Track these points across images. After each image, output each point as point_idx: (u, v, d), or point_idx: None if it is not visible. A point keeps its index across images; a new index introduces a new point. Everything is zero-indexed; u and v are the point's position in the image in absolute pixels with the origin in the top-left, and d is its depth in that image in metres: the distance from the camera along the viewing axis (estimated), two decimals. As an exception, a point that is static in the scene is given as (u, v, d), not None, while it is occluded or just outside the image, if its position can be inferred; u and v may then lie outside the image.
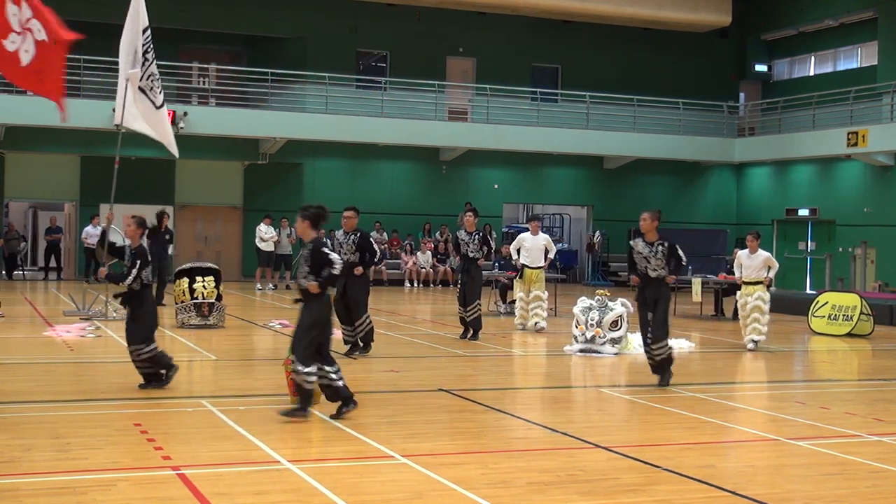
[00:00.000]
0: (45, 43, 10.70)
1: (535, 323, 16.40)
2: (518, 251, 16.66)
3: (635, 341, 14.06)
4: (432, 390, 10.24)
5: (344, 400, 8.55)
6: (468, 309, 14.70)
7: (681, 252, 10.82)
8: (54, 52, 10.69)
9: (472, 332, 14.79)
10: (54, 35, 10.75)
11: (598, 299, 13.81)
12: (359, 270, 12.45)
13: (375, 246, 12.80)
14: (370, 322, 12.70)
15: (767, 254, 14.80)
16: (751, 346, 14.64)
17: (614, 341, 13.45)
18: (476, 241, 14.66)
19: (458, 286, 15.03)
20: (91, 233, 24.86)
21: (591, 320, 13.52)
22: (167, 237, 19.86)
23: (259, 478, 6.56)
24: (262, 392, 9.95)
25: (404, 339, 15.06)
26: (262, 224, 25.31)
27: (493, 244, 15.08)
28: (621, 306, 13.65)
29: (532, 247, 16.47)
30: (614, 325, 13.49)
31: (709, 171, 33.17)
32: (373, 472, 6.79)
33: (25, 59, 10.52)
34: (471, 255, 14.65)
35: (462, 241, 14.86)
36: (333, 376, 8.52)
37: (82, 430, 7.85)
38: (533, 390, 10.56)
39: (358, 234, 12.74)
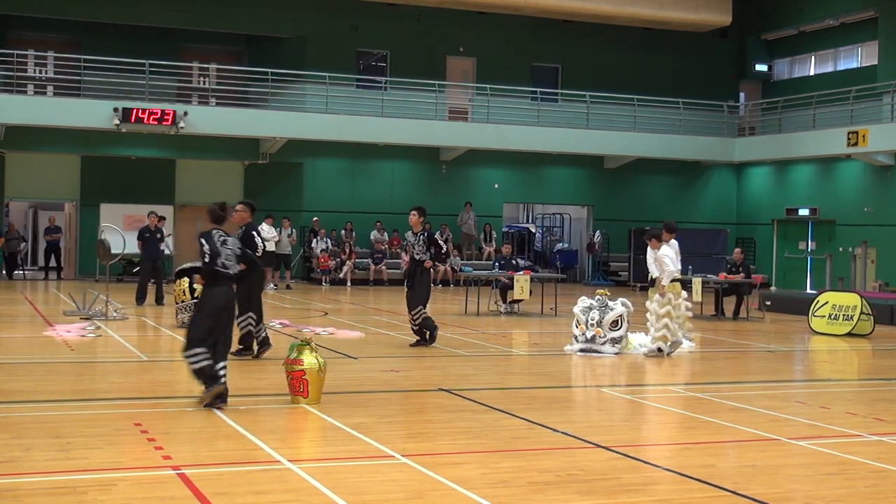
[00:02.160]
0: None
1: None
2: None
3: (636, 341, 14.06)
4: (432, 390, 10.24)
5: None
6: (412, 315, 13.76)
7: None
8: None
9: (423, 337, 13.80)
10: None
11: (599, 299, 13.80)
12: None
13: (257, 240, 11.85)
14: (258, 328, 12.03)
15: (656, 252, 13.75)
16: (644, 350, 13.62)
17: (614, 341, 13.45)
18: (421, 243, 13.75)
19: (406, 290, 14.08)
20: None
21: (592, 320, 13.51)
22: (159, 236, 19.86)
23: (259, 477, 6.56)
24: (263, 392, 9.95)
25: (404, 338, 15.04)
26: (263, 224, 25.29)
27: (442, 245, 13.99)
28: (622, 306, 13.63)
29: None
30: (614, 324, 13.47)
31: (709, 171, 33.18)
32: (373, 472, 6.79)
33: None
34: (417, 257, 13.76)
35: (408, 243, 13.96)
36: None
37: (83, 430, 7.84)
38: (533, 390, 10.56)
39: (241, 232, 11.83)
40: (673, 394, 10.77)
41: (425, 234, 13.86)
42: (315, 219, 28.56)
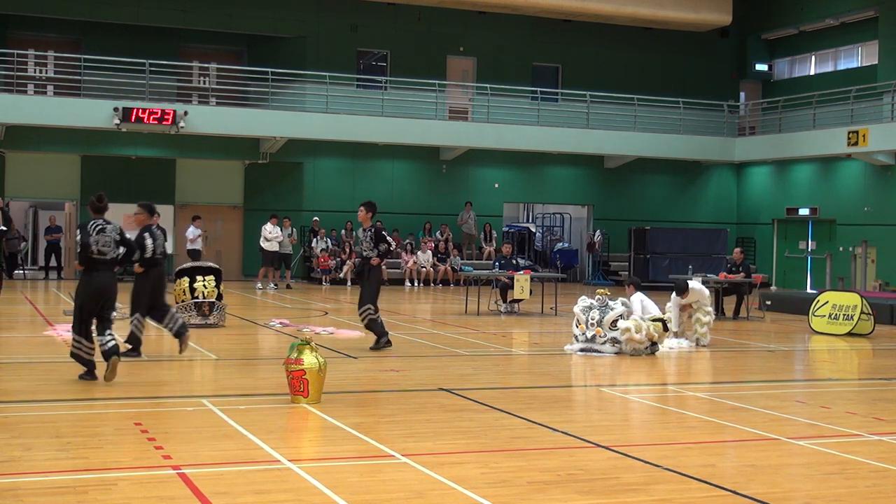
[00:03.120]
0: None
1: (697, 339, 15.02)
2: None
3: (667, 343, 14.16)
4: (433, 389, 10.24)
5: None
6: (359, 313, 13.28)
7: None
8: None
9: (376, 339, 13.30)
10: None
11: (599, 298, 13.79)
12: (138, 269, 12.04)
13: (147, 242, 11.91)
14: (136, 323, 12.14)
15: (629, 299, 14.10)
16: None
17: (615, 340, 13.44)
18: (369, 239, 13.15)
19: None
20: (196, 233, 24.90)
21: (592, 320, 13.50)
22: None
23: (259, 477, 6.56)
24: (263, 391, 9.95)
25: (405, 338, 15.05)
26: (267, 224, 25.35)
27: (390, 241, 13.32)
28: (621, 306, 13.62)
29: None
30: (614, 324, 13.46)
31: (709, 171, 33.18)
32: (373, 472, 6.79)
33: None
34: (364, 254, 13.24)
35: (359, 239, 13.62)
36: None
37: (83, 430, 7.85)
38: (533, 389, 10.56)
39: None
40: (673, 393, 10.78)
41: (373, 230, 13.19)
42: (315, 219, 28.56)
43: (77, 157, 28.00)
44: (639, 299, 13.92)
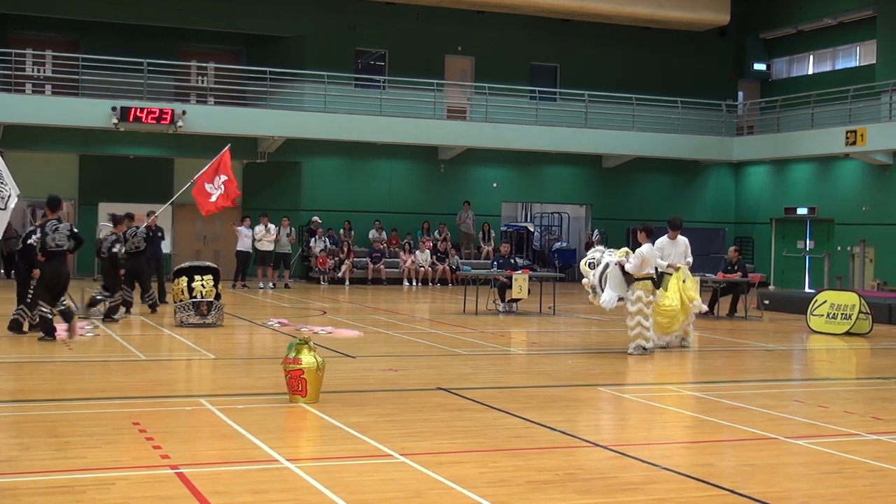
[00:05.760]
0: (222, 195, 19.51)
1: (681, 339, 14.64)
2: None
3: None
4: (431, 389, 10.24)
5: None
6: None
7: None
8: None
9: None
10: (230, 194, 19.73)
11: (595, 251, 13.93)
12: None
13: None
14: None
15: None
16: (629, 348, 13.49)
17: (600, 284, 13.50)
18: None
19: None
20: (246, 233, 24.87)
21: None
22: (160, 235, 20.05)
23: (258, 477, 6.56)
24: (261, 391, 9.94)
25: (403, 337, 15.05)
26: (260, 224, 25.36)
27: (78, 236, 13.61)
28: (594, 252, 13.75)
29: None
30: (591, 266, 13.60)
31: (707, 170, 33.18)
32: (372, 471, 6.79)
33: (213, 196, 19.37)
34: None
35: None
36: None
37: (81, 429, 7.84)
38: (531, 389, 10.56)
39: None
40: (671, 392, 10.78)
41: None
42: (316, 219, 28.48)
43: (75, 157, 27.99)
44: (651, 251, 13.30)
